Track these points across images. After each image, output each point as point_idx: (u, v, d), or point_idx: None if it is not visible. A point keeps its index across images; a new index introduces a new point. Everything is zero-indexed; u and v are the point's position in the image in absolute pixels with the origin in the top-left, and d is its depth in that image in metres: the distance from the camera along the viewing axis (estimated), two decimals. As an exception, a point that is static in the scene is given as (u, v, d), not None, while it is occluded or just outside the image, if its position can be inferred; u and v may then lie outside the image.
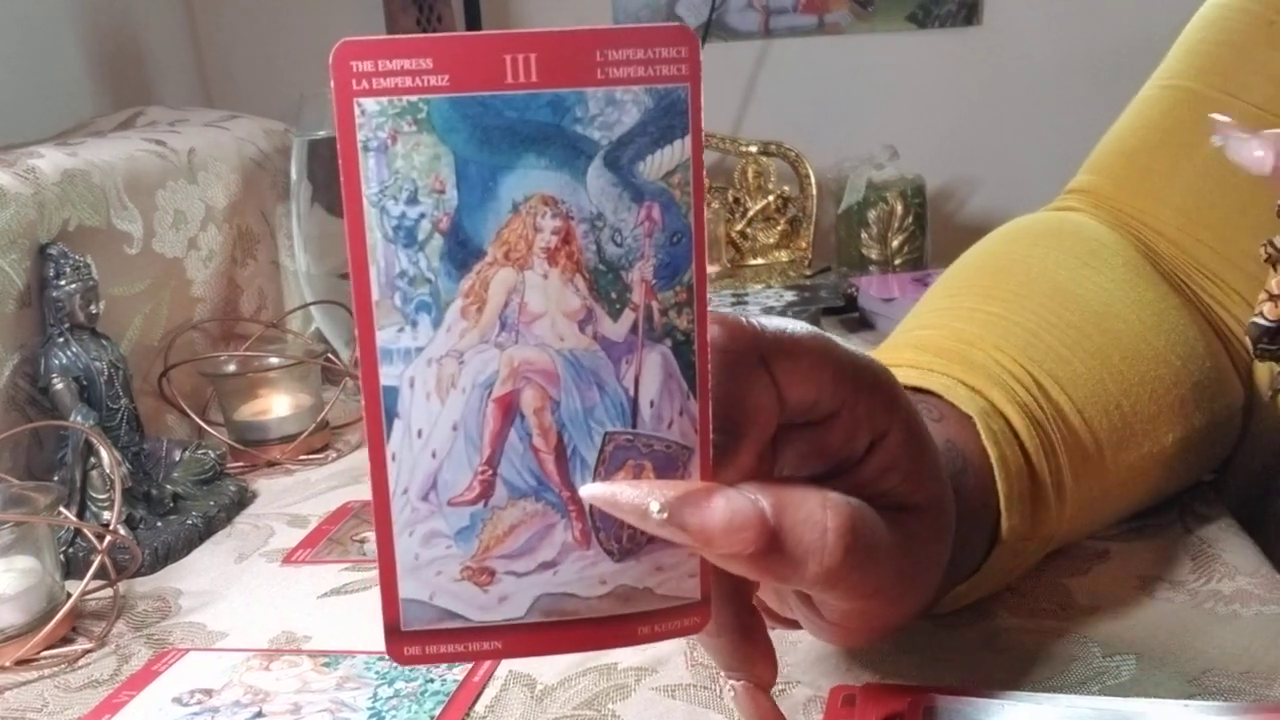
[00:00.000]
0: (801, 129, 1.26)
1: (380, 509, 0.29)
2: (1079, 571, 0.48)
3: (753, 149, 1.13)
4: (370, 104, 0.27)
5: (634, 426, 0.30)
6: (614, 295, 0.29)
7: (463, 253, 0.28)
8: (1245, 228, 0.53)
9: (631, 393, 0.30)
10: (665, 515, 0.29)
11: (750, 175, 1.13)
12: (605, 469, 0.30)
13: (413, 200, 0.27)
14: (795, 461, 0.34)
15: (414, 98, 0.27)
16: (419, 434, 0.29)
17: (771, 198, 1.13)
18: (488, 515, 0.29)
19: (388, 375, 0.28)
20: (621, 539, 0.30)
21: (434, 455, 0.29)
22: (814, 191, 1.12)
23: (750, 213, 1.13)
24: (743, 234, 1.14)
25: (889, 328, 0.81)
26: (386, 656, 0.30)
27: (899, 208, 1.14)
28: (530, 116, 0.27)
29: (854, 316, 0.98)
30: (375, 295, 0.28)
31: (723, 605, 0.33)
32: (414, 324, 0.28)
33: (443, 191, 0.27)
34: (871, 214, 1.14)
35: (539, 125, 0.27)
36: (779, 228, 1.14)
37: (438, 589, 0.29)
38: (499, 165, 0.27)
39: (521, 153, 0.27)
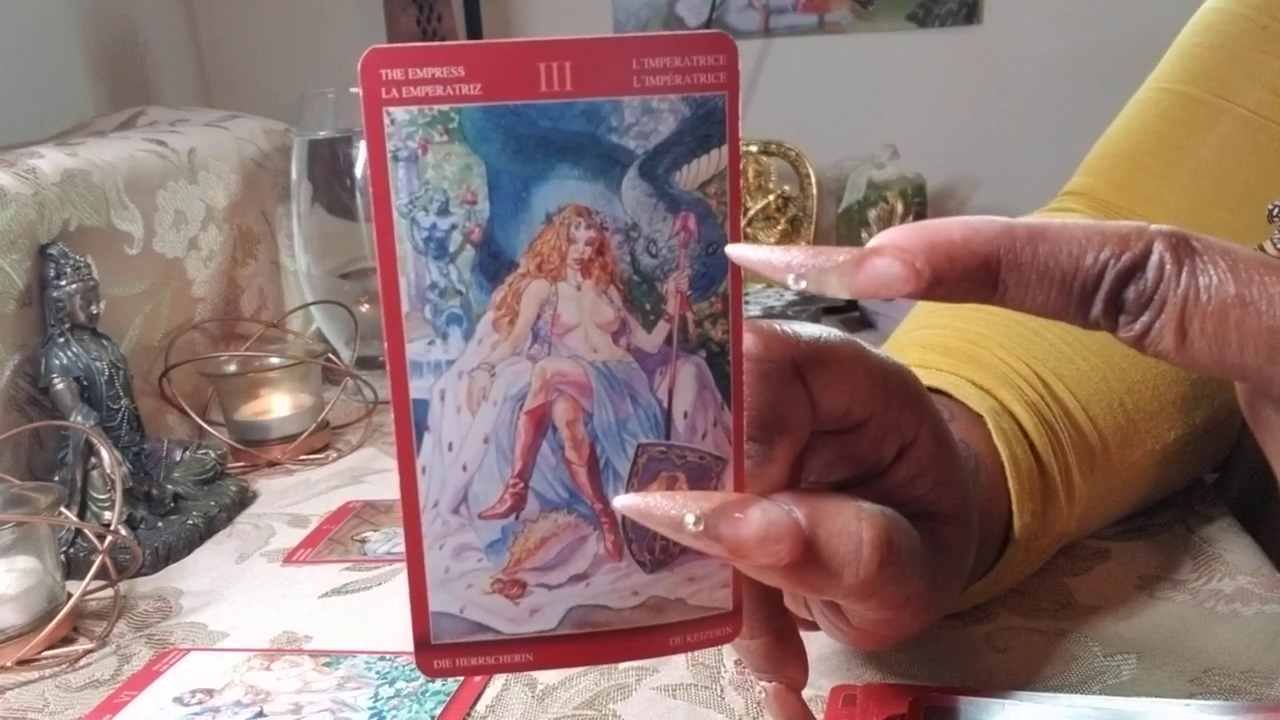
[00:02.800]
0: (802, 128, 1.26)
1: (410, 522, 0.29)
2: (1080, 571, 0.48)
3: (753, 148, 1.13)
4: (400, 113, 0.26)
5: (667, 438, 0.30)
6: (648, 306, 0.29)
7: (495, 264, 0.27)
8: (1238, 230, 0.53)
9: (665, 404, 0.29)
10: (700, 527, 0.29)
11: (750, 174, 1.13)
12: (638, 481, 0.29)
13: (444, 211, 0.27)
14: (822, 468, 0.34)
15: (445, 107, 0.26)
16: (449, 447, 0.28)
17: (772, 197, 1.13)
18: (519, 528, 0.29)
19: (417, 388, 0.28)
20: (654, 550, 0.30)
21: (465, 468, 0.29)
22: (814, 191, 1.12)
23: (751, 212, 1.14)
24: (743, 233, 1.14)
25: (890, 327, 0.81)
26: (418, 670, 0.30)
27: (899, 207, 1.14)
28: (564, 126, 0.27)
29: (854, 316, 0.98)
30: (405, 308, 0.27)
31: (756, 608, 0.33)
32: (444, 336, 0.28)
33: (474, 202, 0.27)
34: (872, 213, 1.14)
35: (573, 135, 0.27)
36: (779, 227, 1.14)
37: (468, 602, 0.29)
38: (532, 176, 0.27)
39: (555, 163, 0.27)
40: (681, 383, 0.29)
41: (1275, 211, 0.45)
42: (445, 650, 0.30)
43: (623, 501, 0.29)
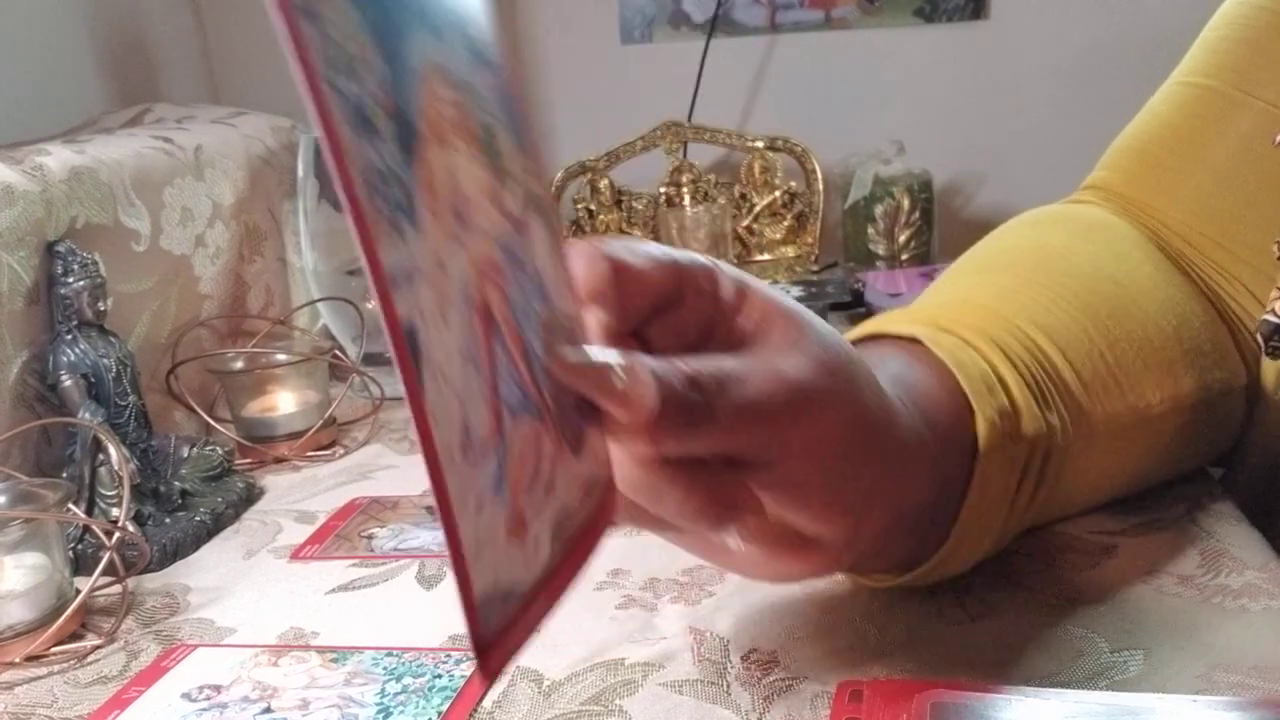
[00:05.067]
0: (808, 124, 1.26)
1: (440, 497, 0.24)
2: (1086, 566, 0.48)
3: (759, 144, 1.13)
4: None
5: (547, 301, 0.28)
6: (503, 166, 0.27)
7: (405, 133, 0.24)
8: (1253, 224, 0.53)
9: (538, 265, 0.28)
10: (625, 374, 0.29)
11: (757, 170, 1.13)
12: (549, 356, 0.28)
13: (351, 73, 0.23)
14: (665, 335, 0.36)
15: None
16: (444, 377, 0.25)
17: (778, 193, 1.13)
18: (504, 450, 0.26)
19: (403, 305, 0.23)
20: (571, 432, 0.29)
21: (459, 399, 0.25)
22: (820, 187, 1.12)
23: (757, 208, 1.13)
24: (749, 229, 1.14)
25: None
26: (474, 663, 0.28)
27: (905, 203, 1.14)
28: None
29: (861, 312, 0.97)
30: (364, 201, 0.23)
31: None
32: (400, 231, 0.24)
33: (367, 59, 0.24)
34: (878, 209, 1.14)
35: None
36: (785, 223, 1.14)
37: (496, 565, 0.26)
38: (401, 28, 0.25)
39: (412, 20, 0.25)
40: (538, 243, 0.28)
41: None
42: (496, 642, 0.26)
43: (565, 365, 0.29)
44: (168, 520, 0.59)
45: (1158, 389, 0.50)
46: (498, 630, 0.26)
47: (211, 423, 0.71)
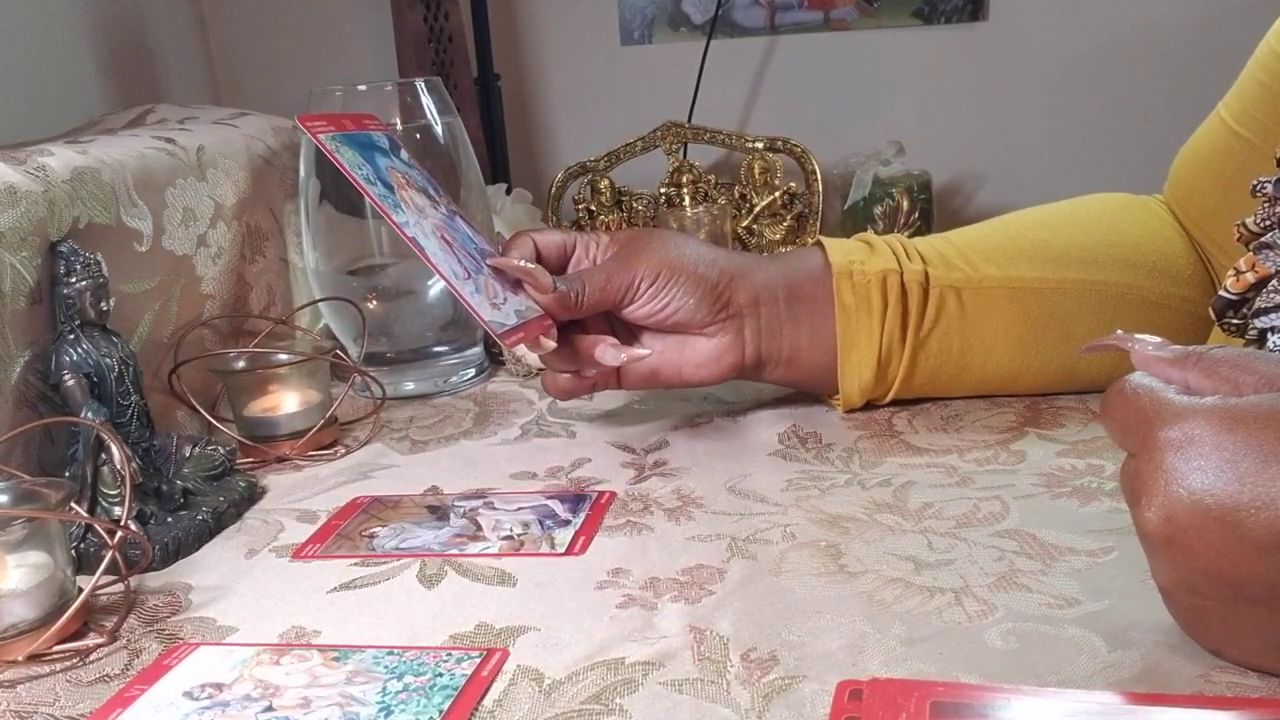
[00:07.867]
0: (808, 125, 1.26)
1: (452, 287, 0.60)
2: (1085, 565, 0.48)
3: (759, 145, 1.13)
4: (325, 138, 0.62)
5: (479, 244, 0.66)
6: (430, 194, 0.66)
7: (386, 186, 0.63)
8: None
9: (468, 231, 0.66)
10: (537, 274, 0.62)
11: (756, 171, 1.13)
12: (501, 257, 0.64)
13: (359, 168, 0.62)
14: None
15: (331, 135, 0.63)
16: (435, 254, 0.60)
17: (778, 194, 1.13)
18: (474, 281, 0.61)
19: (409, 230, 0.60)
20: (508, 287, 0.63)
21: (445, 259, 0.61)
22: (820, 187, 1.12)
23: (756, 208, 1.13)
24: (749, 230, 1.14)
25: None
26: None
27: (905, 204, 1.14)
28: (372, 141, 0.66)
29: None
30: (380, 201, 0.61)
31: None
32: (399, 210, 0.62)
33: (362, 165, 0.62)
34: (877, 210, 1.14)
35: (374, 141, 0.66)
36: (785, 224, 1.14)
37: (490, 313, 0.60)
38: (372, 153, 0.64)
39: (374, 150, 0.65)
40: (460, 227, 0.65)
41: (1259, 188, 0.46)
42: (501, 335, 0.59)
43: (504, 264, 0.63)
44: (170, 519, 0.59)
45: (1057, 270, 0.64)
46: (500, 334, 0.59)
47: (213, 422, 0.71)
